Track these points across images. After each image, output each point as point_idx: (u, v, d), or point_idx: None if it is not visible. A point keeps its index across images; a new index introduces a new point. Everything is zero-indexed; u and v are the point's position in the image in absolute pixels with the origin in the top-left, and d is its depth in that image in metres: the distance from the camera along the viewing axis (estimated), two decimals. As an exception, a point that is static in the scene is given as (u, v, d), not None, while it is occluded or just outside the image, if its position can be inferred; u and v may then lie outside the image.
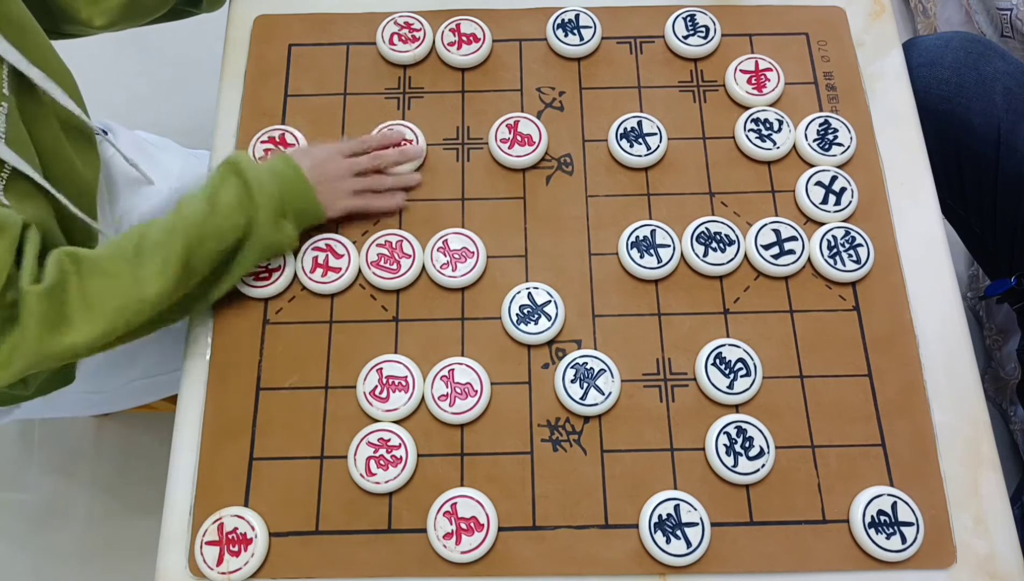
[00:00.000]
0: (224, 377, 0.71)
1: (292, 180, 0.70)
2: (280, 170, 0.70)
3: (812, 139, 0.78)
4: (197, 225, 0.65)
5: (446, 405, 0.68)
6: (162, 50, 1.62)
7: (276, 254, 0.73)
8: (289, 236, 0.71)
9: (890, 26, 0.85)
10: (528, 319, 0.71)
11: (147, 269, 0.63)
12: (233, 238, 0.67)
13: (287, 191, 0.70)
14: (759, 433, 0.67)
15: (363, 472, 0.66)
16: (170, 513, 0.67)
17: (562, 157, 0.80)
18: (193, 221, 0.65)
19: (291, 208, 0.70)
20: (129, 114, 1.26)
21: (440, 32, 0.83)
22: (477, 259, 0.74)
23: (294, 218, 0.71)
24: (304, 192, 0.71)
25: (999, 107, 0.91)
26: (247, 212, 0.67)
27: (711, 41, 0.83)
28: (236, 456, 0.68)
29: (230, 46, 0.85)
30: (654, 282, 0.74)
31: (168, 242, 0.64)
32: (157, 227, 0.66)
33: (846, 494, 0.67)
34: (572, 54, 0.83)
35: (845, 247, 0.74)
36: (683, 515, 0.65)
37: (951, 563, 0.65)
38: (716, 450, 0.67)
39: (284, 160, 0.71)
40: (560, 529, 0.66)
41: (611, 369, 0.70)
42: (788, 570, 0.65)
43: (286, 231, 0.70)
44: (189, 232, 0.65)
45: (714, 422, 0.68)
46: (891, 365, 0.71)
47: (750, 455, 0.67)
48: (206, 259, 0.66)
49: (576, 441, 0.69)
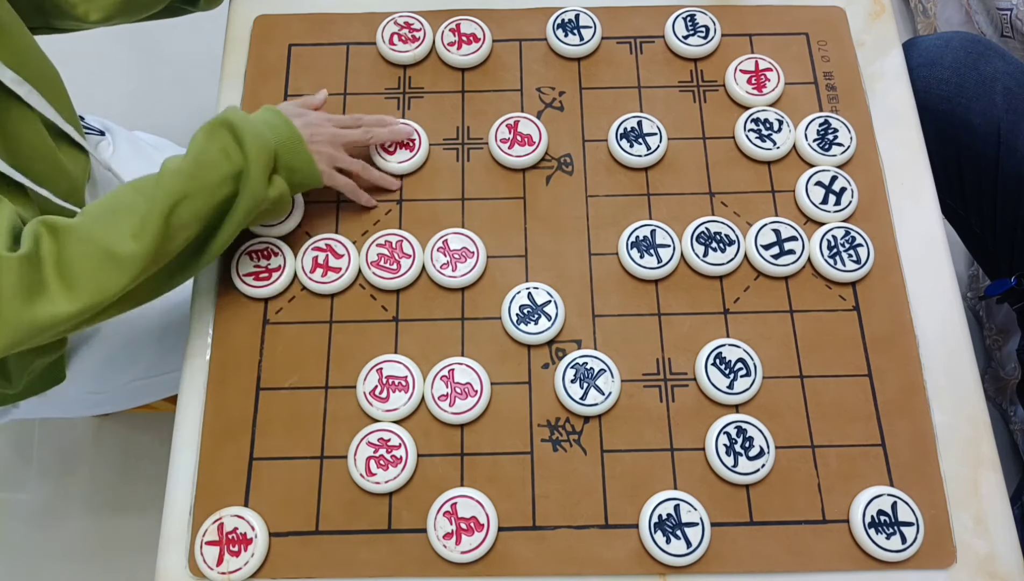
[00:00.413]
0: (224, 377, 0.71)
1: (285, 133, 0.67)
2: (272, 122, 0.67)
3: (812, 139, 0.78)
4: (182, 180, 0.62)
5: (446, 405, 0.68)
6: (161, 50, 1.62)
7: (268, 215, 0.70)
8: (281, 191, 0.67)
9: (890, 26, 0.85)
10: (528, 319, 0.71)
11: (122, 229, 0.60)
12: (223, 194, 0.64)
13: (280, 144, 0.67)
14: (759, 433, 0.67)
15: (363, 472, 0.66)
16: (170, 513, 0.67)
17: (562, 157, 0.80)
18: (177, 176, 0.62)
19: (283, 163, 0.67)
20: (128, 114, 1.26)
21: (440, 32, 0.83)
22: (477, 259, 0.74)
23: (286, 173, 0.68)
24: (296, 147, 0.68)
25: (999, 107, 0.91)
26: (236, 164, 0.64)
27: (711, 41, 0.83)
28: (236, 456, 0.68)
29: (230, 46, 0.85)
30: (654, 282, 0.74)
31: (148, 200, 0.61)
32: (136, 185, 0.63)
33: (846, 494, 0.67)
34: (572, 54, 0.83)
35: (845, 247, 0.74)
36: (683, 515, 0.65)
37: (951, 563, 0.65)
38: (716, 450, 0.67)
39: (275, 113, 0.69)
40: (560, 529, 0.66)
41: (611, 369, 0.70)
42: (788, 570, 0.65)
43: (278, 186, 0.67)
44: (172, 188, 0.61)
45: (714, 422, 0.68)
46: (891, 365, 0.71)
47: (750, 455, 0.67)
48: (193, 217, 0.63)
49: (576, 441, 0.69)
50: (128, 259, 0.60)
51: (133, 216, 0.60)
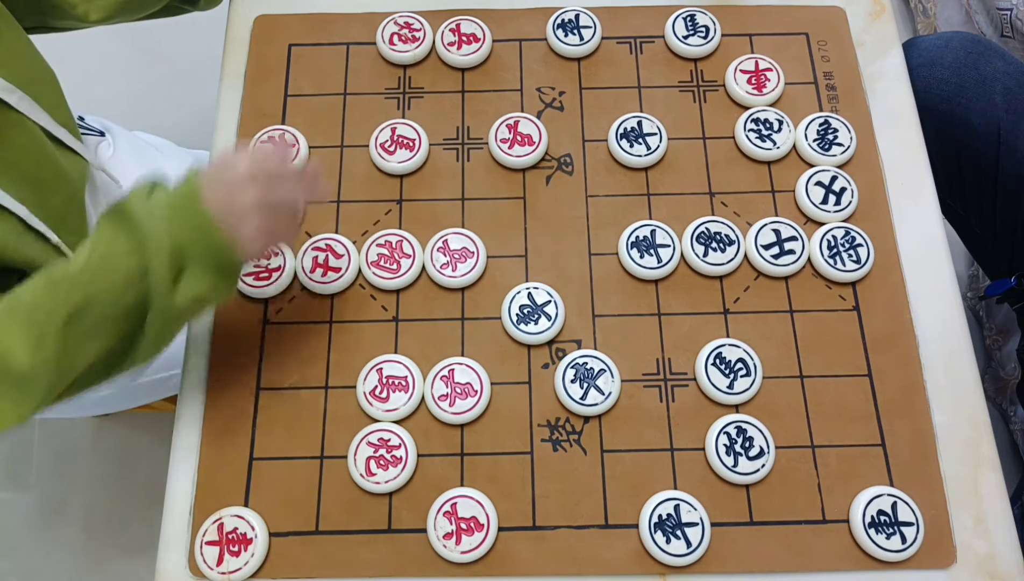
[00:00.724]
0: (224, 377, 0.71)
1: (191, 220, 0.55)
2: (178, 205, 0.55)
3: (812, 139, 0.78)
4: (80, 287, 0.52)
5: (446, 405, 0.68)
6: (162, 50, 1.62)
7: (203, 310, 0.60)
8: (196, 293, 0.56)
9: (890, 26, 0.85)
10: (528, 319, 0.71)
11: (15, 338, 0.50)
12: (129, 299, 0.54)
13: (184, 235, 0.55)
14: (759, 433, 0.67)
15: (363, 472, 0.66)
16: (170, 513, 0.67)
17: (562, 157, 0.80)
18: (74, 283, 0.53)
19: (193, 256, 0.55)
20: (128, 114, 1.26)
21: (440, 32, 0.83)
22: (477, 259, 0.74)
23: (199, 269, 0.55)
24: (207, 235, 0.55)
25: (999, 107, 0.91)
26: (138, 263, 0.54)
27: (711, 41, 0.83)
28: (236, 456, 0.68)
29: (230, 46, 0.85)
30: (654, 282, 0.74)
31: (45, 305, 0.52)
32: (35, 286, 0.53)
33: (846, 494, 0.67)
34: (572, 54, 0.83)
35: (845, 247, 0.74)
36: (683, 515, 0.65)
37: (951, 563, 0.65)
38: (716, 450, 0.67)
39: (186, 194, 0.56)
40: (560, 529, 0.66)
41: (611, 369, 0.70)
42: (788, 570, 0.65)
43: (191, 286, 0.55)
44: (70, 296, 0.52)
45: (714, 422, 0.68)
46: (891, 365, 0.71)
47: (750, 455, 0.67)
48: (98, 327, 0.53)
49: (576, 441, 0.69)
50: (24, 374, 0.51)
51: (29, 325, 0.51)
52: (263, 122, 0.81)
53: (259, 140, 0.79)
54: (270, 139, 0.78)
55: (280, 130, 0.79)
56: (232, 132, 0.81)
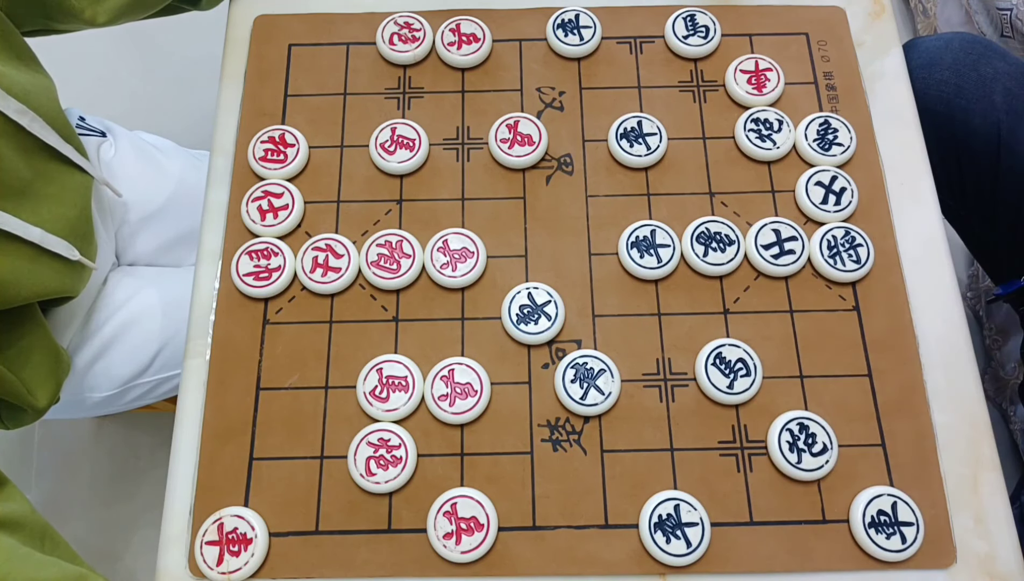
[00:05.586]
0: (224, 377, 0.71)
1: None
2: None
3: (812, 139, 0.78)
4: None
5: (446, 405, 0.68)
6: (162, 50, 1.62)
7: None
8: None
9: (890, 26, 0.85)
10: (528, 319, 0.71)
11: None
12: None
13: None
14: (822, 430, 0.67)
15: (363, 472, 0.66)
16: (170, 513, 0.67)
17: (562, 157, 0.80)
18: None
19: None
20: (129, 114, 1.26)
21: (440, 32, 0.83)
22: (477, 259, 0.74)
23: None
24: None
25: (999, 107, 0.91)
26: None
27: (711, 41, 0.83)
28: (236, 456, 0.68)
29: (230, 46, 0.85)
30: (654, 282, 0.74)
31: None
32: None
33: (846, 494, 0.67)
34: (572, 54, 0.83)
35: (845, 247, 0.74)
36: (683, 515, 0.65)
37: (951, 563, 0.65)
38: (780, 447, 0.67)
39: None
40: (560, 529, 0.66)
41: (611, 369, 0.70)
42: (788, 570, 0.65)
43: None
44: None
45: (714, 423, 0.68)
46: (891, 365, 0.71)
47: (813, 451, 0.67)
48: None
49: (576, 441, 0.69)
50: None
51: None
52: (263, 122, 0.81)
53: (259, 140, 0.79)
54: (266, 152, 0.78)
55: (280, 130, 0.79)
56: (232, 132, 0.81)
